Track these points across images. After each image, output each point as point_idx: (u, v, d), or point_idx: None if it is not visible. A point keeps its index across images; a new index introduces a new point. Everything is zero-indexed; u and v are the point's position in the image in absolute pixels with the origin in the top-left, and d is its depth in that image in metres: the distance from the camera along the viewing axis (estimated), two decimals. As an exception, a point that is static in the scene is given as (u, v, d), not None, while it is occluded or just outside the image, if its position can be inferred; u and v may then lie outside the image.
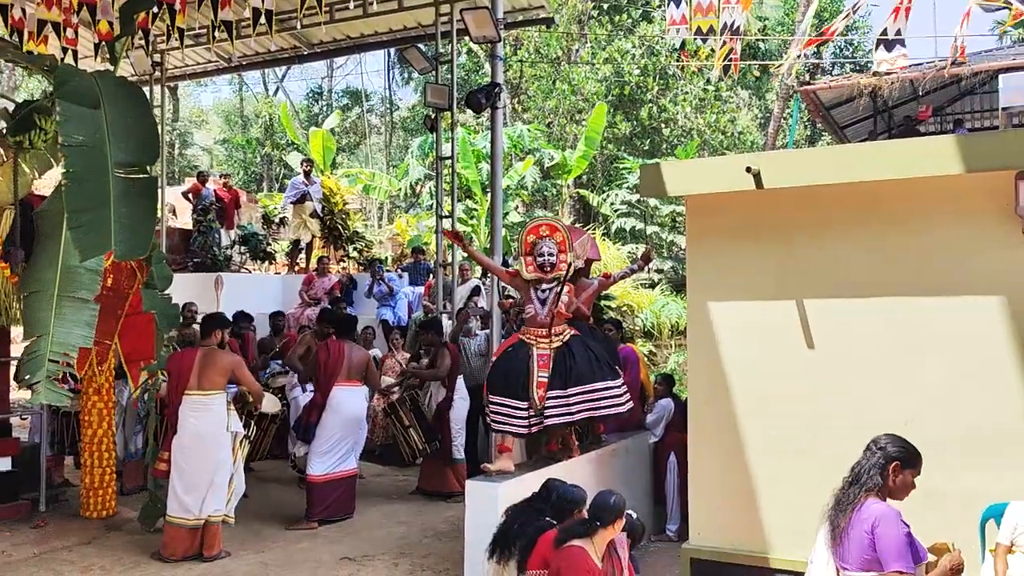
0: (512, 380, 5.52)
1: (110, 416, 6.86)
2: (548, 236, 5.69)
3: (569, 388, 5.49)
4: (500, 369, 5.65)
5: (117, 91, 5.56)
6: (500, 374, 5.62)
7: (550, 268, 5.62)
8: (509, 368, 5.58)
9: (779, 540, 5.17)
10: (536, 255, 5.66)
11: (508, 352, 5.70)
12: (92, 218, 4.90)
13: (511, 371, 5.56)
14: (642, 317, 11.12)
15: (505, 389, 5.53)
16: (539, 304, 5.63)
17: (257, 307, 11.66)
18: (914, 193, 4.87)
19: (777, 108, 20.12)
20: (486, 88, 7.72)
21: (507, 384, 5.53)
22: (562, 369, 5.50)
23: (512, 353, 5.65)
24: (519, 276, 5.79)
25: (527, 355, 5.57)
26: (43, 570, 5.55)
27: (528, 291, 5.70)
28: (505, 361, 5.65)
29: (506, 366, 5.61)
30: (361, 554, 5.94)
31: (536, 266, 5.66)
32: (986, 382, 4.66)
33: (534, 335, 5.62)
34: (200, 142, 32.07)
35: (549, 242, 5.66)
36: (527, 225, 5.98)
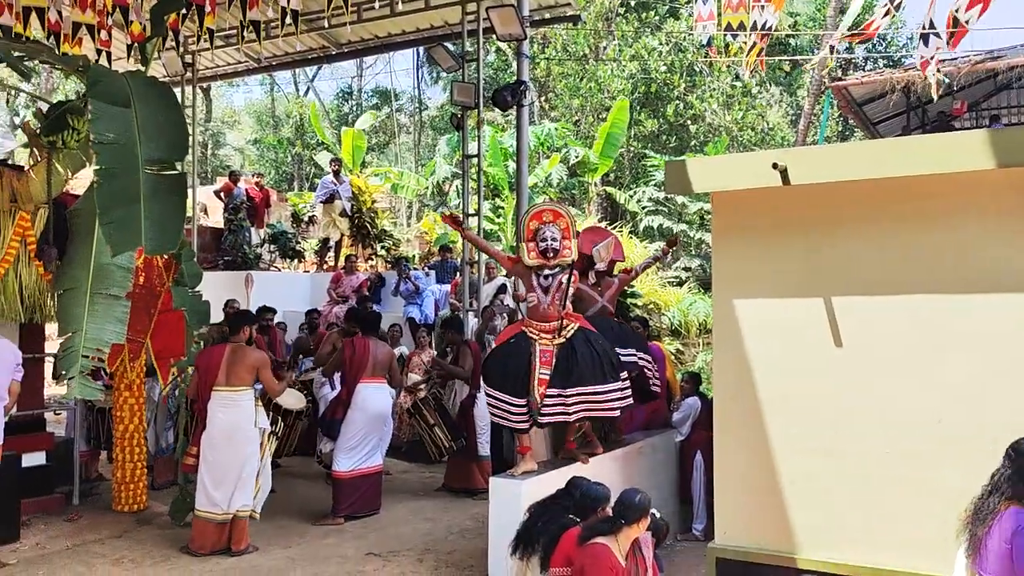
0: (511, 376, 5.43)
1: (141, 412, 6.97)
2: (551, 222, 5.57)
3: (568, 388, 5.39)
4: (499, 363, 5.54)
5: (148, 90, 5.65)
6: (498, 368, 5.52)
7: (553, 254, 5.50)
8: (508, 363, 5.47)
9: (806, 540, 5.11)
10: (538, 240, 5.52)
11: (509, 344, 5.56)
12: (123, 214, 4.98)
13: (510, 366, 5.45)
14: (669, 315, 11.05)
15: (503, 384, 5.44)
16: (541, 292, 5.50)
17: (286, 305, 11.80)
18: (944, 189, 4.78)
19: (808, 104, 19.87)
20: (512, 86, 7.75)
21: (505, 380, 5.44)
22: (564, 368, 5.40)
23: (513, 346, 5.53)
24: (520, 262, 5.65)
25: (528, 350, 5.46)
26: (75, 562, 5.65)
27: (530, 278, 5.57)
28: (505, 355, 5.54)
29: (505, 361, 5.50)
30: (387, 550, 5.98)
31: (539, 252, 5.52)
32: (1016, 381, 4.57)
33: (537, 329, 5.50)
34: (232, 142, 32.41)
35: (552, 228, 5.54)
36: (529, 211, 5.83)
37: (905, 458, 4.83)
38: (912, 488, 4.80)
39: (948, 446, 4.72)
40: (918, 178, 4.74)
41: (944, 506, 4.69)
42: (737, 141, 18.09)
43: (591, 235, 6.86)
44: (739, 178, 5.28)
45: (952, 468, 4.68)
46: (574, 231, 5.62)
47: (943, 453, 4.73)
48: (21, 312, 6.27)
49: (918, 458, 4.80)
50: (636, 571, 3.93)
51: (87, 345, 5.83)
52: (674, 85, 17.81)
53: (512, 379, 5.41)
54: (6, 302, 6.15)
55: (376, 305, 11.71)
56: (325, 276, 12.56)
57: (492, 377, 5.54)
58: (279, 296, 12.00)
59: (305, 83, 31.99)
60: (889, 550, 4.82)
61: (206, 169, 26.88)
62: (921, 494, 4.76)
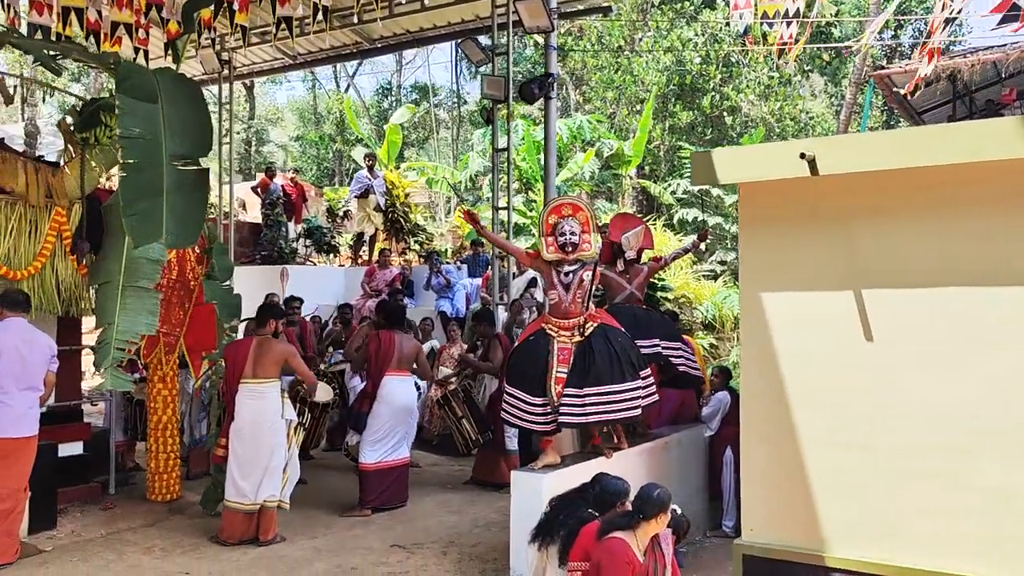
0: (530, 375, 5.37)
1: (174, 403, 7.10)
2: (570, 215, 5.46)
3: (585, 388, 5.29)
4: (519, 361, 5.48)
5: (175, 87, 5.72)
6: (518, 366, 5.46)
7: (572, 248, 5.40)
8: (528, 361, 5.42)
9: (835, 538, 5.00)
10: (557, 235, 5.42)
11: (529, 343, 5.50)
12: (145, 207, 5.07)
13: (529, 365, 5.40)
14: (703, 309, 10.91)
15: (522, 383, 5.39)
16: (562, 289, 5.42)
17: (321, 299, 11.95)
18: (977, 177, 4.64)
19: (850, 94, 19.49)
20: (539, 79, 7.71)
21: (523, 378, 5.38)
22: (581, 367, 5.31)
23: (533, 344, 5.46)
24: (539, 257, 5.55)
25: (547, 348, 5.39)
26: (107, 550, 5.78)
27: (551, 274, 5.48)
28: (525, 353, 5.48)
29: (525, 359, 5.44)
30: (411, 542, 6.01)
31: (557, 246, 5.42)
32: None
33: (556, 326, 5.43)
34: (275, 139, 32.82)
35: (571, 221, 5.43)
36: (547, 205, 5.72)
37: (939, 453, 4.70)
38: (946, 484, 4.67)
39: (984, 440, 4.58)
40: (951, 167, 4.59)
41: (981, 502, 4.58)
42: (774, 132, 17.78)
43: (621, 222, 6.77)
44: (767, 168, 5.17)
45: (989, 463, 4.55)
46: (594, 225, 5.52)
47: (979, 448, 4.59)
48: (58, 305, 6.43)
49: (953, 453, 4.66)
50: (655, 567, 3.88)
51: (119, 337, 5.96)
52: (710, 76, 17.57)
53: (530, 377, 5.36)
54: (44, 295, 6.30)
55: (408, 299, 11.80)
56: (359, 270, 12.67)
57: (511, 374, 5.50)
58: (314, 290, 12.14)
59: (346, 80, 32.26)
60: (922, 549, 4.70)
61: (249, 165, 27.25)
62: (956, 490, 4.63)
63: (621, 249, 6.53)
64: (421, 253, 13.77)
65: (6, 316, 5.49)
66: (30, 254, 6.17)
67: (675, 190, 15.77)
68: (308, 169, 29.20)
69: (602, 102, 18.82)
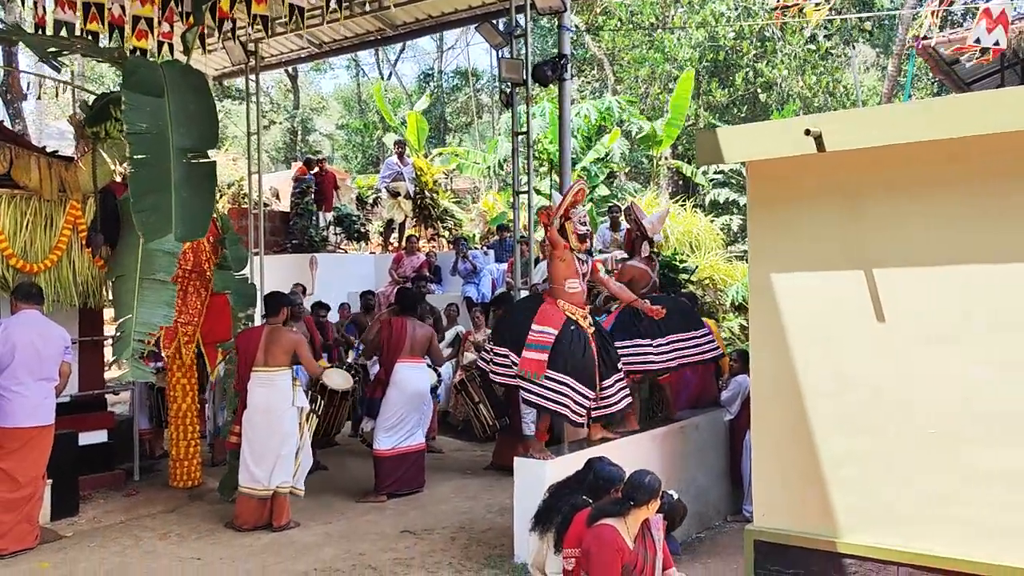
0: (587, 368, 5.34)
1: (194, 392, 7.23)
2: (582, 201, 5.49)
3: (612, 376, 5.45)
4: (573, 352, 5.35)
5: (182, 80, 5.79)
6: (574, 356, 5.34)
7: (587, 239, 5.46)
8: (582, 353, 5.36)
9: (846, 523, 4.87)
10: (577, 222, 5.38)
11: (573, 333, 5.41)
12: (154, 202, 5.14)
13: (586, 358, 5.35)
14: (732, 292, 10.70)
15: (578, 374, 5.32)
16: (581, 278, 5.43)
17: (350, 286, 12.04)
18: (993, 150, 4.42)
19: (892, 66, 18.88)
20: (552, 60, 7.59)
21: (581, 370, 5.33)
22: (606, 357, 5.41)
23: (577, 335, 5.40)
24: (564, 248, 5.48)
25: (589, 340, 5.38)
26: (125, 536, 5.92)
27: (572, 263, 5.45)
28: (576, 344, 5.38)
29: (578, 351, 5.36)
30: (422, 527, 6.03)
31: (578, 237, 5.41)
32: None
33: (581, 316, 5.43)
34: (321, 128, 33.14)
35: (583, 210, 5.45)
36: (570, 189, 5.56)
37: (954, 438, 4.54)
38: (962, 469, 4.50)
39: (1000, 424, 4.41)
40: (964, 139, 4.39)
41: (998, 488, 4.41)
42: (812, 107, 17.30)
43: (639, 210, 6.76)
44: (773, 146, 5.01)
45: (1006, 448, 4.37)
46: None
47: (996, 432, 4.42)
48: (75, 297, 6.56)
49: (969, 438, 4.50)
50: (645, 554, 3.83)
51: (138, 329, 6.07)
52: (744, 52, 17.14)
53: (588, 371, 5.36)
54: (61, 288, 6.44)
55: (435, 285, 11.82)
56: (389, 257, 12.73)
57: (565, 363, 5.35)
58: (344, 278, 12.25)
59: (388, 67, 32.41)
60: (935, 535, 4.55)
61: (295, 154, 27.55)
62: (972, 476, 4.47)
63: (643, 235, 6.46)
64: (449, 239, 13.76)
65: (20, 309, 5.62)
66: (46, 248, 6.30)
67: (707, 170, 15.49)
68: (353, 156, 29.43)
69: (634, 81, 18.54)
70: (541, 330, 5.35)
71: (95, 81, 23.26)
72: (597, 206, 12.65)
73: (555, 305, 5.49)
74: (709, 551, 5.77)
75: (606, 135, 14.40)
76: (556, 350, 5.38)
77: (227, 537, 5.89)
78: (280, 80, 30.88)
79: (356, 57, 31.11)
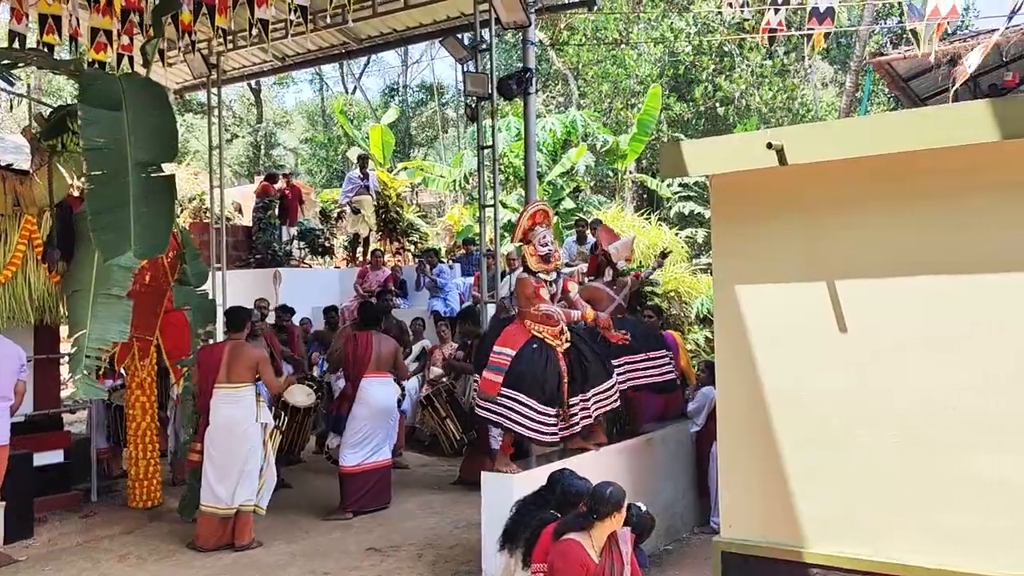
0: (548, 386, 5.27)
1: (153, 409, 7.08)
2: (544, 223, 5.42)
3: (589, 392, 5.39)
4: (531, 370, 5.28)
5: (141, 93, 5.70)
6: (531, 374, 5.27)
7: (552, 259, 5.40)
8: (542, 371, 5.28)
9: (813, 533, 4.90)
10: (538, 244, 5.33)
11: (534, 351, 5.34)
12: (112, 219, 5.05)
13: (546, 376, 5.28)
14: (697, 304, 10.79)
15: (536, 393, 5.24)
16: (549, 299, 5.37)
17: (315, 301, 11.90)
18: (951, 164, 4.52)
19: (850, 82, 19.27)
20: (517, 74, 7.62)
21: (538, 388, 5.25)
22: (580, 372, 5.36)
23: (539, 354, 5.33)
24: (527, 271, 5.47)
25: (555, 357, 5.34)
26: (82, 559, 5.76)
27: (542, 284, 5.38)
28: (535, 362, 5.31)
29: (537, 369, 5.29)
30: (389, 544, 5.96)
31: (540, 257, 5.35)
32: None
33: (549, 334, 5.38)
34: (285, 142, 32.90)
35: (545, 230, 5.39)
36: (527, 209, 5.57)
37: (916, 447, 4.59)
38: (923, 478, 4.56)
39: (961, 433, 4.48)
40: (923, 153, 4.48)
41: (958, 495, 4.47)
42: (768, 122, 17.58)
43: (607, 235, 6.85)
44: (735, 160, 5.07)
45: (966, 457, 4.44)
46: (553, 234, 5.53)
47: (956, 441, 4.49)
48: (31, 313, 6.41)
49: (929, 447, 4.56)
50: (612, 567, 3.80)
51: (91, 345, 5.93)
52: (703, 67, 17.37)
53: (548, 389, 5.28)
54: (16, 304, 6.29)
55: (401, 299, 11.75)
56: (354, 272, 12.62)
57: (520, 382, 5.28)
58: (308, 293, 12.12)
59: (352, 81, 32.31)
60: (900, 543, 4.60)
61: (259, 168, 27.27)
62: (933, 483, 4.53)
63: (608, 260, 6.54)
64: (416, 253, 13.71)
65: (-28, 327, 5.47)
66: (0, 263, 6.14)
67: (672, 184, 15.64)
68: (318, 171, 29.24)
69: (598, 96, 18.68)
70: (500, 351, 5.33)
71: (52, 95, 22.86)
72: (563, 219, 12.69)
73: (521, 326, 5.45)
74: (677, 563, 5.77)
75: (572, 149, 14.48)
76: (512, 369, 5.32)
77: (188, 558, 5.76)
78: (243, 94, 30.64)
79: (320, 71, 31.07)
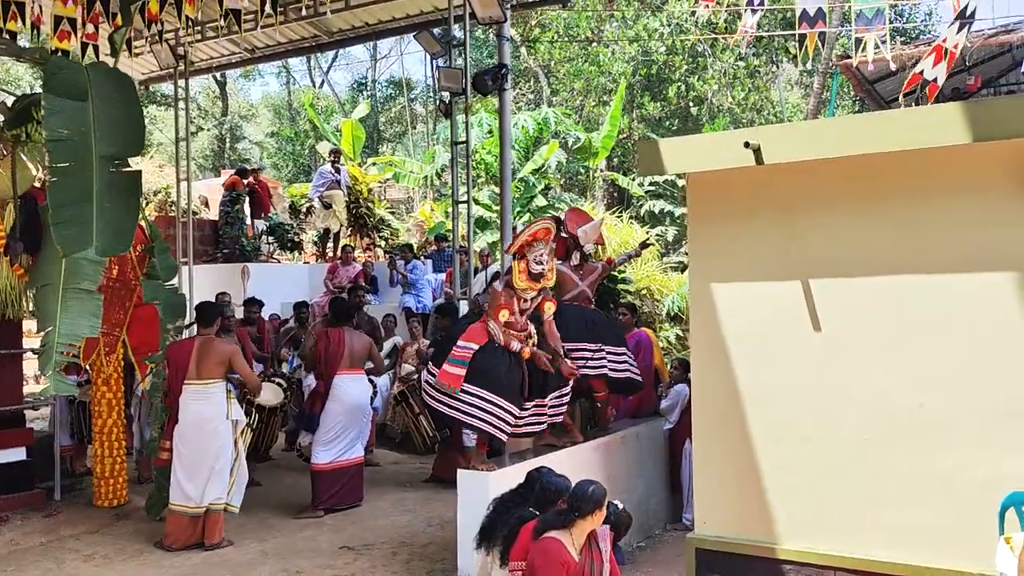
0: (507, 383, 5.26)
1: (119, 406, 6.94)
2: (543, 240, 5.32)
3: (548, 396, 5.47)
4: (493, 366, 5.26)
5: (108, 83, 5.56)
6: (494, 371, 5.25)
7: (539, 280, 5.34)
8: (504, 368, 5.27)
9: (786, 530, 4.96)
10: (532, 262, 5.26)
11: (496, 349, 5.32)
12: (75, 213, 4.93)
13: (507, 372, 5.27)
14: (668, 301, 10.85)
15: (498, 389, 5.23)
16: (519, 313, 5.35)
17: (284, 296, 11.76)
18: (921, 165, 4.59)
19: (817, 83, 19.49)
20: (492, 70, 7.58)
21: (500, 384, 5.23)
22: (539, 377, 5.40)
23: (501, 352, 5.31)
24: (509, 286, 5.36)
25: (518, 358, 5.32)
26: (47, 559, 5.62)
27: (511, 298, 5.31)
28: (497, 360, 5.28)
29: (500, 366, 5.27)
30: (361, 543, 5.90)
31: (529, 275, 5.28)
32: (1001, 363, 4.37)
33: (516, 338, 5.35)
34: (251, 135, 32.45)
35: (544, 248, 5.30)
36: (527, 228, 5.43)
37: (886, 445, 4.67)
38: (893, 476, 4.63)
39: (930, 432, 4.55)
40: (894, 154, 4.54)
41: (928, 494, 4.54)
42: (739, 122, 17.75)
43: (576, 216, 6.67)
44: (712, 158, 5.11)
45: (934, 454, 4.51)
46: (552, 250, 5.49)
47: (925, 439, 4.56)
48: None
49: (899, 444, 4.63)
50: (592, 565, 3.80)
51: (60, 341, 5.76)
52: (676, 67, 17.49)
53: (508, 385, 5.26)
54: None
55: (372, 295, 11.65)
56: (324, 267, 12.50)
57: (482, 378, 5.25)
58: (277, 288, 11.96)
59: (320, 75, 31.96)
60: (871, 540, 4.66)
61: (223, 162, 26.90)
62: (903, 482, 4.60)
63: (576, 243, 6.44)
64: (386, 249, 13.62)
65: (-69, 321, 5.31)
66: (-39, 257, 5.98)
67: (643, 182, 15.71)
68: (284, 166, 28.91)
69: (570, 93, 18.71)
70: (464, 345, 5.29)
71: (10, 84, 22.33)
72: (534, 216, 12.69)
73: (486, 325, 5.42)
74: (650, 559, 5.79)
75: (543, 146, 14.48)
76: (474, 365, 5.27)
77: (156, 557, 5.65)
78: (208, 86, 30.17)
79: (287, 64, 30.64)
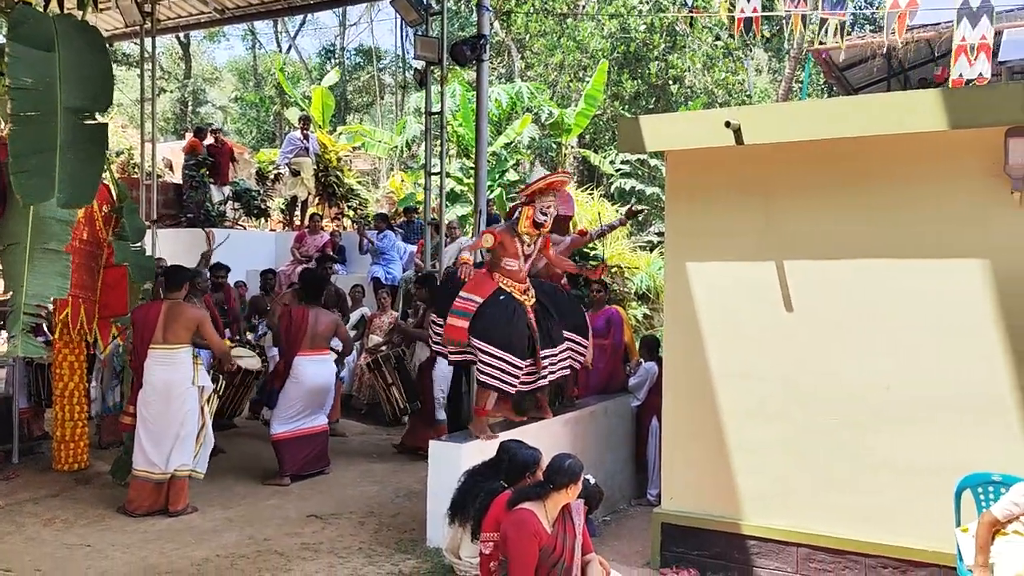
0: (517, 338, 5.25)
1: (81, 369, 6.80)
2: (557, 189, 5.43)
3: (557, 346, 5.50)
4: (500, 323, 5.23)
5: (76, 35, 5.35)
6: (501, 328, 5.22)
7: (542, 227, 5.40)
8: (512, 324, 5.26)
9: (751, 507, 5.05)
10: (538, 210, 5.29)
11: (502, 304, 5.30)
12: (37, 162, 4.76)
13: (515, 328, 5.26)
14: (637, 280, 10.91)
15: (508, 346, 5.20)
16: (523, 259, 5.39)
17: (250, 264, 11.60)
18: (898, 150, 4.65)
19: (788, 68, 19.60)
20: (471, 40, 7.47)
21: (509, 340, 5.20)
22: (547, 327, 5.44)
23: (506, 307, 5.29)
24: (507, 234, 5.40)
25: (524, 311, 5.35)
26: (5, 522, 5.51)
27: (515, 244, 5.36)
28: (505, 316, 5.26)
29: (507, 322, 5.25)
30: (329, 512, 5.88)
31: (533, 223, 5.31)
32: (969, 348, 4.47)
33: (517, 290, 5.39)
34: (214, 99, 31.74)
35: (553, 199, 5.35)
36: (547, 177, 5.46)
37: (851, 426, 4.76)
38: (858, 456, 4.73)
39: (895, 414, 4.64)
40: (872, 139, 4.59)
41: (890, 474, 4.65)
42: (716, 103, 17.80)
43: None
44: (692, 137, 5.12)
45: (898, 436, 4.61)
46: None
47: (890, 421, 4.65)
48: (-47, 267, 6.03)
49: (864, 426, 4.72)
50: (564, 537, 3.82)
51: (28, 302, 5.62)
52: (654, 45, 17.45)
53: (517, 340, 5.25)
54: (-63, 258, 5.90)
55: (340, 266, 11.54)
56: (291, 235, 12.34)
57: (492, 336, 5.22)
58: (243, 255, 11.76)
59: (287, 40, 31.34)
60: (834, 518, 4.77)
61: (185, 126, 26.31)
62: (867, 462, 4.70)
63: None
64: (354, 219, 13.47)
65: None
66: (-82, 212, 5.76)
67: (614, 160, 15.71)
68: (248, 132, 28.37)
69: (544, 68, 18.59)
70: (468, 297, 5.29)
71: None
72: (507, 191, 12.64)
73: (489, 276, 5.41)
74: (615, 534, 5.85)
75: (516, 120, 14.39)
76: (478, 317, 5.26)
77: (119, 523, 5.57)
78: (171, 47, 29.43)
79: (254, 28, 30.01)
